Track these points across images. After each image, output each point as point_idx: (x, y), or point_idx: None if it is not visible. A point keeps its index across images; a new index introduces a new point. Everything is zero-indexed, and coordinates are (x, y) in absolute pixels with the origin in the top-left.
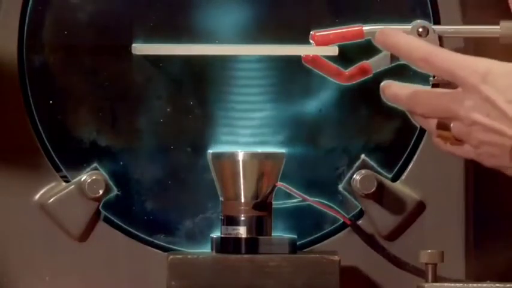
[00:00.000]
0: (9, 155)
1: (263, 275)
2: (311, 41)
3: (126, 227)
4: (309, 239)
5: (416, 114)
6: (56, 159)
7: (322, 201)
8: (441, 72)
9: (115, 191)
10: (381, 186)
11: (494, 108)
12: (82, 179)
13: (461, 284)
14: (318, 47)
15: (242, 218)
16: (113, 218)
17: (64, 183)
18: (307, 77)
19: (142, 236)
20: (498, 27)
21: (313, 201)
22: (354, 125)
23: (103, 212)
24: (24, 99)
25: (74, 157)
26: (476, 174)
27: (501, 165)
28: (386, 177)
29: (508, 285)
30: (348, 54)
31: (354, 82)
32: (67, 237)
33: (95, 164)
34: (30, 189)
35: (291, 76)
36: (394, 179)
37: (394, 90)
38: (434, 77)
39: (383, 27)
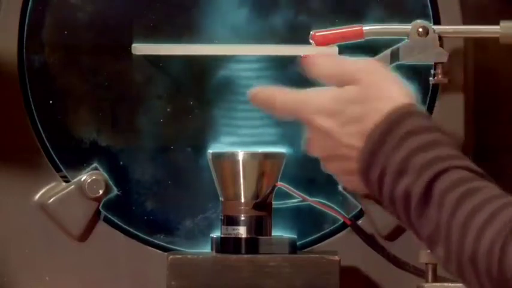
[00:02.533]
0: (9, 155)
1: (263, 275)
2: (311, 41)
3: (126, 227)
4: (309, 239)
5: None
6: (56, 159)
7: (322, 201)
8: (284, 113)
9: (115, 191)
10: None
11: (329, 138)
12: (82, 179)
13: (461, 284)
14: (318, 47)
15: (242, 218)
16: (113, 218)
17: (64, 183)
18: (306, 77)
19: (142, 236)
20: (498, 27)
21: (313, 201)
22: None
23: (103, 212)
24: (24, 99)
25: (74, 157)
26: None
27: (359, 188)
28: None
29: None
30: (348, 54)
31: None
32: (67, 237)
33: (95, 164)
34: (30, 189)
35: (291, 76)
36: None
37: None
38: (434, 77)
39: (383, 27)
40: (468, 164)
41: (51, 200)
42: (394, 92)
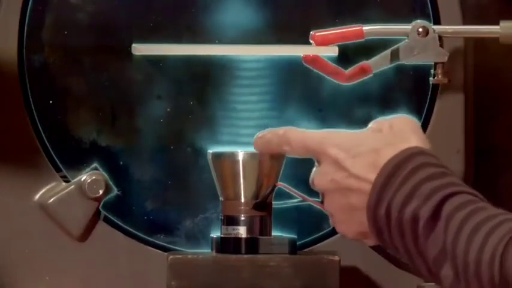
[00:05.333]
0: (9, 155)
1: (263, 275)
2: (311, 41)
3: (126, 227)
4: (309, 239)
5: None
6: (56, 159)
7: (322, 201)
8: (297, 150)
9: (115, 191)
10: None
11: (341, 169)
12: (82, 179)
13: None
14: (318, 47)
15: (242, 218)
16: (113, 218)
17: (64, 183)
18: (307, 77)
19: (142, 236)
20: (498, 27)
21: (313, 201)
22: (354, 124)
23: (103, 212)
24: (24, 99)
25: (74, 157)
26: (476, 175)
27: (359, 231)
28: None
29: None
30: (348, 54)
31: (354, 82)
32: (67, 237)
33: (95, 164)
34: (30, 189)
35: (291, 76)
36: None
37: (263, 138)
38: (434, 77)
39: (383, 27)
40: (474, 192)
41: (51, 200)
42: (413, 137)
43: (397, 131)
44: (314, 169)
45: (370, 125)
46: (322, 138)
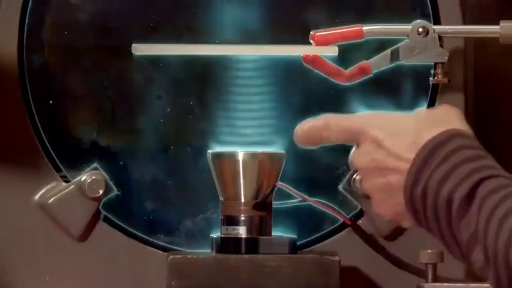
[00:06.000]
0: (9, 155)
1: (263, 275)
2: (311, 41)
3: (126, 227)
4: (309, 239)
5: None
6: (56, 159)
7: (322, 201)
8: (337, 134)
9: (115, 191)
10: None
11: (380, 149)
12: (82, 179)
13: (461, 284)
14: (318, 47)
15: (242, 218)
16: (113, 218)
17: (64, 183)
18: (307, 77)
19: (142, 236)
20: (498, 27)
21: (313, 201)
22: None
23: (103, 212)
24: (24, 99)
25: (74, 157)
26: None
27: (396, 211)
28: None
29: None
30: (348, 54)
31: (354, 82)
32: (67, 237)
33: (95, 164)
34: (30, 189)
35: (291, 76)
36: None
37: (303, 131)
38: (434, 77)
39: (383, 27)
40: (510, 175)
41: (51, 200)
42: (456, 122)
43: (440, 115)
44: (353, 149)
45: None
46: (363, 119)
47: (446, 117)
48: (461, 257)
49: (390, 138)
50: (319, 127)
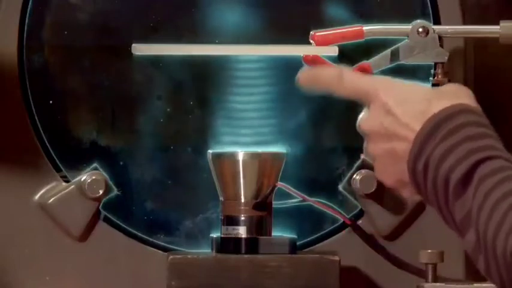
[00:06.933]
0: (9, 155)
1: (263, 275)
2: (311, 41)
3: (126, 227)
4: (309, 239)
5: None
6: (56, 159)
7: (322, 201)
8: (348, 89)
9: (115, 191)
10: (380, 186)
11: (389, 115)
12: (82, 179)
13: (461, 284)
14: (318, 47)
15: (242, 218)
16: (113, 218)
17: (64, 183)
18: None
19: (142, 236)
20: (498, 27)
21: (313, 201)
22: (354, 124)
23: (103, 212)
24: (24, 99)
25: (74, 157)
26: None
27: (398, 179)
28: None
29: None
30: (348, 54)
31: None
32: (67, 237)
33: (95, 164)
34: (30, 189)
35: (291, 76)
36: None
37: (314, 71)
38: (434, 77)
39: (383, 27)
40: (510, 156)
41: (51, 200)
42: (466, 98)
43: (451, 90)
44: (362, 113)
45: None
46: (376, 82)
47: (458, 93)
48: (458, 234)
49: (400, 105)
50: (331, 73)
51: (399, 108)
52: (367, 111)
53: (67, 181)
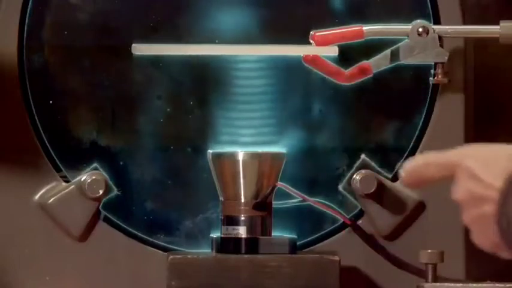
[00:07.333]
0: (9, 155)
1: (263, 275)
2: (311, 41)
3: (126, 227)
4: (309, 239)
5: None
6: (56, 159)
7: (322, 201)
8: (435, 170)
9: (115, 191)
10: (380, 186)
11: (473, 179)
12: (82, 179)
13: (461, 284)
14: (318, 47)
15: (242, 218)
16: (113, 218)
17: (64, 183)
18: (307, 77)
19: (142, 236)
20: (498, 27)
21: (313, 201)
22: (354, 125)
23: (103, 212)
24: (24, 99)
25: (74, 157)
26: None
27: (494, 242)
28: (386, 177)
29: (508, 285)
30: (348, 54)
31: (354, 82)
32: (67, 237)
33: (95, 164)
34: (30, 189)
35: (291, 76)
36: (394, 179)
37: (406, 173)
38: (434, 77)
39: (383, 27)
40: None
41: (51, 200)
42: None
43: None
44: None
45: None
46: (458, 151)
47: None
48: None
49: (483, 167)
50: (420, 167)
51: (482, 170)
52: (456, 181)
53: (67, 181)
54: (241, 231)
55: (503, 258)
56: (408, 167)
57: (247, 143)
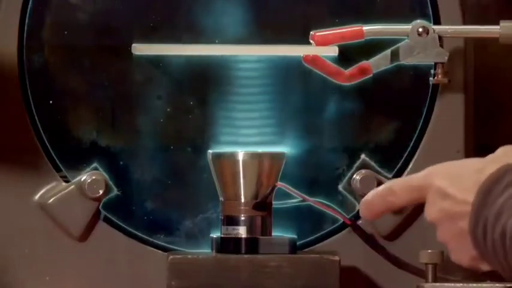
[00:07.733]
0: (9, 155)
1: (263, 275)
2: (311, 41)
3: (126, 227)
4: (309, 239)
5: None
6: (56, 159)
7: (322, 201)
8: (403, 195)
9: (115, 191)
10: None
11: (446, 197)
12: (82, 179)
13: (461, 284)
14: (318, 47)
15: (242, 218)
16: (113, 218)
17: (64, 183)
18: (307, 77)
19: (142, 236)
20: (498, 27)
21: (313, 201)
22: (354, 125)
23: (103, 212)
24: (24, 99)
25: (74, 157)
26: None
27: (472, 256)
28: (386, 177)
29: (508, 285)
30: (348, 54)
31: (354, 82)
32: (67, 237)
33: (95, 164)
34: (30, 189)
35: (291, 76)
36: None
37: (365, 203)
38: (434, 77)
39: (383, 27)
40: None
41: (51, 200)
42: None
43: (501, 153)
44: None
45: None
46: (426, 172)
47: (508, 153)
48: None
49: (454, 184)
50: (383, 194)
51: (453, 188)
52: (427, 202)
53: (67, 181)
54: (241, 231)
55: (484, 271)
56: (370, 195)
57: (247, 143)
